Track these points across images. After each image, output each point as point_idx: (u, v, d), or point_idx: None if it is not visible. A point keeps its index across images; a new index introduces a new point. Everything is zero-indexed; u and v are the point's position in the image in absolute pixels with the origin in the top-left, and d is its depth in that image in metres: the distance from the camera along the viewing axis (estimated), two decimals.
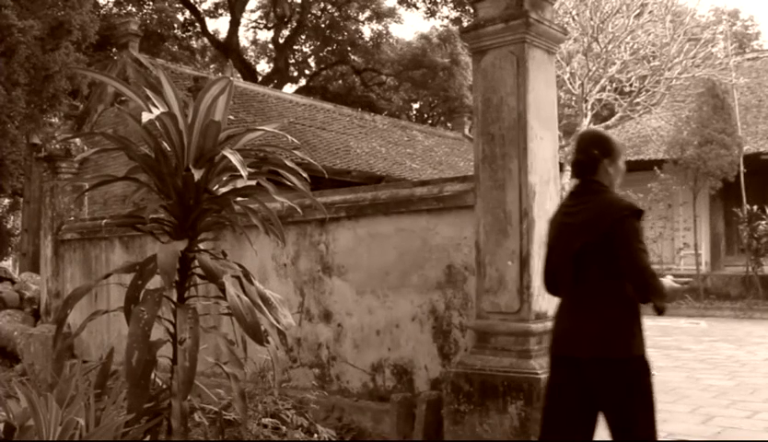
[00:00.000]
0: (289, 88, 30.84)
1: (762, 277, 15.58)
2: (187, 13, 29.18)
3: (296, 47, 32.71)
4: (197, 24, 29.75)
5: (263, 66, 34.74)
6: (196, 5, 29.51)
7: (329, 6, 31.17)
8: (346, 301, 5.95)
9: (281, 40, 31.21)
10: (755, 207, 15.67)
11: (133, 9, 25.79)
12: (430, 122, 32.25)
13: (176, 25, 28.20)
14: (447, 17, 30.92)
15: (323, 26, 31.31)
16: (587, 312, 2.86)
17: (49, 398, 2.96)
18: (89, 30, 13.69)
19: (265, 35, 41.25)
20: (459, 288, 5.26)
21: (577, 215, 2.92)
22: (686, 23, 16.86)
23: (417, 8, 31.14)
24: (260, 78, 30.11)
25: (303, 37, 32.23)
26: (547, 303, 4.82)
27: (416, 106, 34.49)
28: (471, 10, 5.97)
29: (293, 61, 33.00)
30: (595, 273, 2.84)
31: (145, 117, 3.26)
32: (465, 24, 22.44)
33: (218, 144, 3.52)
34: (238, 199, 3.67)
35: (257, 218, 3.68)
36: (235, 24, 29.28)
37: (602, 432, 2.88)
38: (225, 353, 3.57)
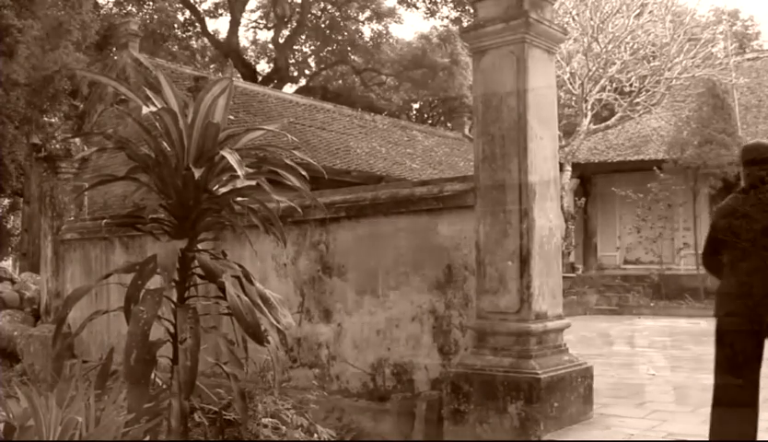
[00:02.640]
0: (289, 88, 30.80)
1: None
2: (187, 13, 29.16)
3: (296, 47, 32.66)
4: (197, 24, 29.72)
5: (263, 66, 34.70)
6: (196, 5, 29.49)
7: (329, 6, 31.15)
8: (346, 301, 5.95)
9: (281, 40, 31.16)
10: None
11: (134, 9, 25.77)
12: (430, 122, 32.21)
13: (176, 25, 28.18)
14: (447, 17, 30.90)
15: (323, 26, 31.29)
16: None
17: (49, 398, 2.96)
18: (89, 30, 13.69)
19: (265, 35, 41.18)
20: (459, 288, 5.26)
21: (755, 206, 3.95)
22: (686, 23, 16.86)
23: (417, 8, 31.12)
24: (260, 78, 30.05)
25: (303, 37, 32.19)
26: (547, 303, 4.82)
27: (416, 106, 34.45)
28: (471, 10, 5.97)
29: (293, 61, 32.95)
30: None
31: (145, 110, 3.26)
32: (465, 24, 22.46)
33: (218, 144, 3.52)
34: (238, 199, 3.67)
35: (257, 218, 3.68)
36: (235, 24, 29.27)
37: None
38: (225, 353, 3.56)
